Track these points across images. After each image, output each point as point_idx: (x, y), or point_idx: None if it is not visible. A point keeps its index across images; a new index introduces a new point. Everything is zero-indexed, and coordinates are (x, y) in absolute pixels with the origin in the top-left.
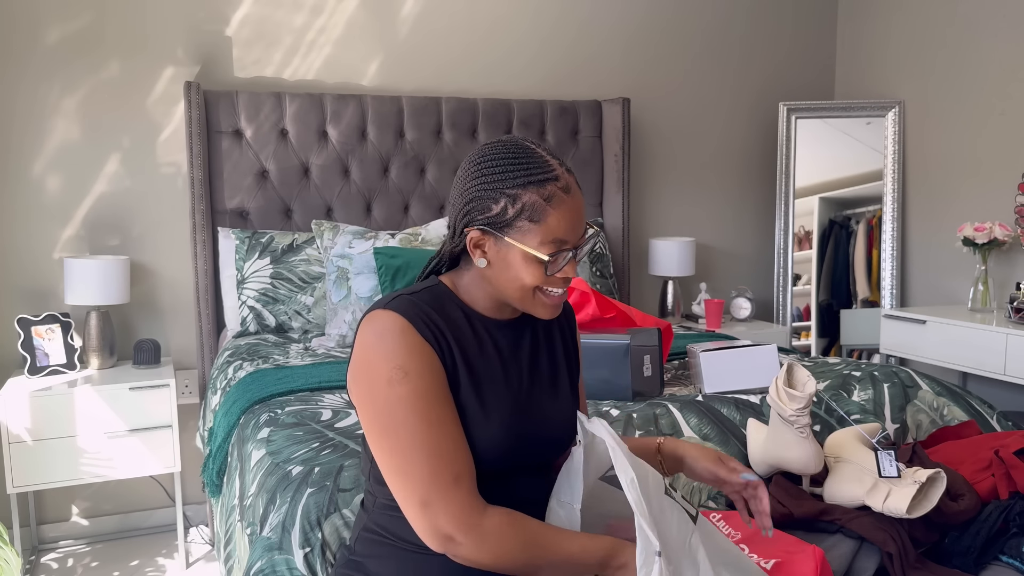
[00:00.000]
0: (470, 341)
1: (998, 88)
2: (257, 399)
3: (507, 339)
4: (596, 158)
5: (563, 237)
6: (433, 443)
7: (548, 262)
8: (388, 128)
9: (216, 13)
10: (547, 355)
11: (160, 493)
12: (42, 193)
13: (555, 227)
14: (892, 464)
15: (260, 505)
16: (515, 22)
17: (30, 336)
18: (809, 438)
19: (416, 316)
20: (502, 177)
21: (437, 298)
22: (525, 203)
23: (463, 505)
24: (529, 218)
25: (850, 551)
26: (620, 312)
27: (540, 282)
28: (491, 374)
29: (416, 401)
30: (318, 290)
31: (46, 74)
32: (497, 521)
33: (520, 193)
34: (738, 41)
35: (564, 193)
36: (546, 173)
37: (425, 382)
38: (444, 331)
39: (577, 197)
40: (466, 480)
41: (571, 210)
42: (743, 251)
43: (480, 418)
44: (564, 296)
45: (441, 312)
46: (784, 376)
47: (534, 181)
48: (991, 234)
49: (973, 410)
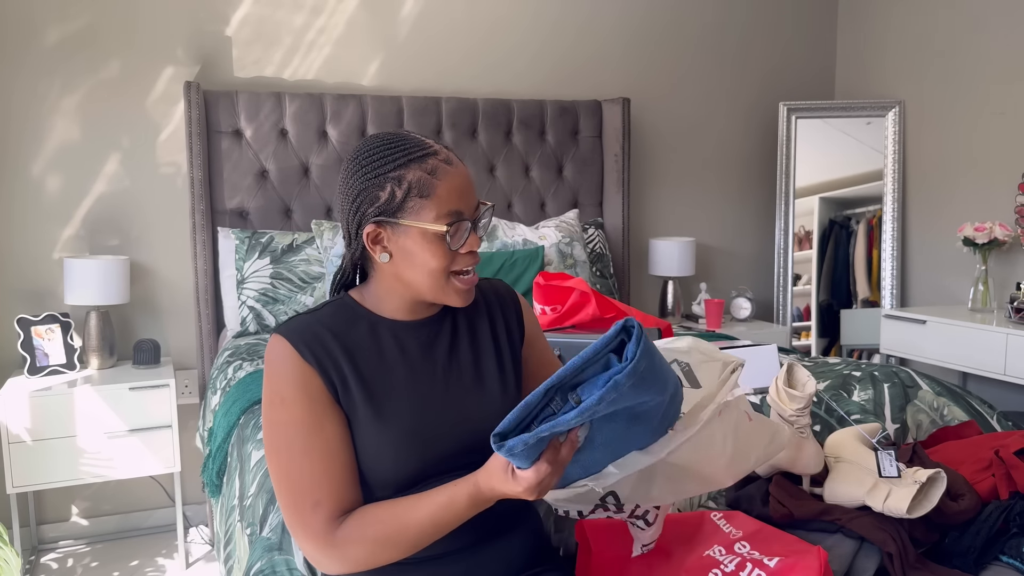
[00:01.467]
0: (369, 353)
1: (998, 88)
2: (257, 399)
3: (418, 340)
4: (596, 158)
5: (457, 207)
6: (298, 472)
7: (448, 234)
8: (388, 128)
9: (216, 13)
10: (470, 348)
11: (160, 493)
12: (42, 193)
13: (446, 198)
14: (892, 464)
15: (260, 505)
16: (515, 22)
17: (30, 336)
18: (809, 438)
19: (303, 338)
20: (382, 163)
21: (339, 313)
22: (411, 181)
23: (316, 530)
24: (419, 194)
25: (850, 551)
26: (620, 312)
27: (447, 261)
28: (392, 382)
29: (290, 428)
30: (318, 290)
31: (46, 73)
32: (346, 532)
33: (403, 173)
34: (738, 41)
35: (447, 164)
36: (423, 149)
37: (301, 408)
38: (334, 350)
39: (460, 168)
40: (325, 506)
41: (457, 179)
42: (743, 251)
43: (375, 429)
44: (474, 279)
45: (339, 328)
46: (784, 376)
47: (414, 158)
48: (991, 234)
49: (973, 410)
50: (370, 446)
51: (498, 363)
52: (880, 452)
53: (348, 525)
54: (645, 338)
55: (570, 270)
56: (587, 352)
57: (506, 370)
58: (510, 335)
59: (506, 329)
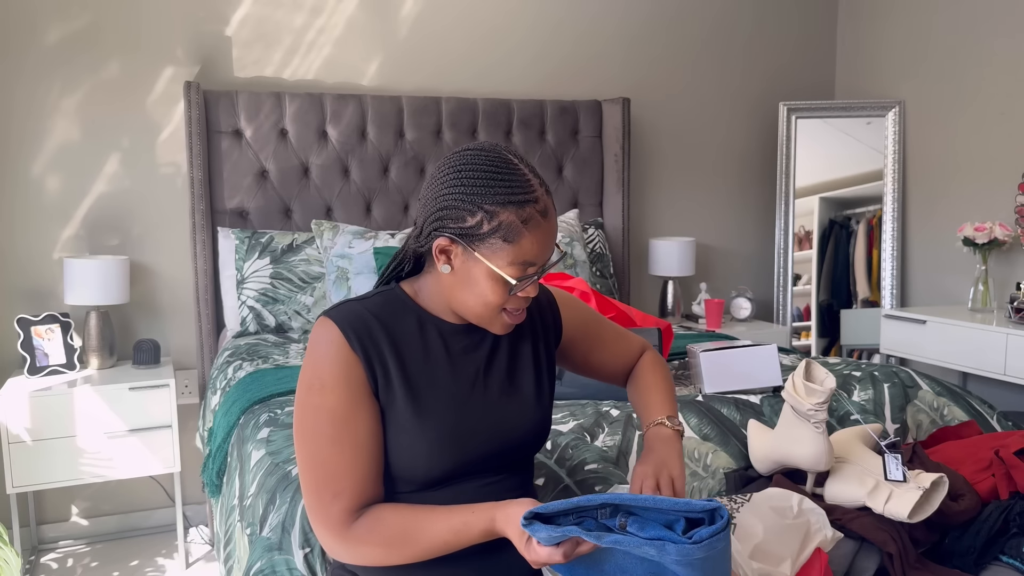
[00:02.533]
0: (415, 348)
1: (998, 88)
2: (257, 399)
3: (462, 344)
4: (596, 158)
5: (533, 260)
6: (324, 459)
7: (514, 284)
8: (388, 128)
9: (216, 13)
10: (508, 357)
11: (160, 493)
12: (42, 193)
13: (528, 250)
14: (899, 468)
15: (260, 505)
16: (515, 22)
17: (30, 336)
18: (824, 434)
19: (352, 326)
20: (482, 191)
21: (389, 304)
22: (502, 221)
23: (333, 520)
24: (503, 237)
25: (850, 551)
26: (620, 312)
27: (503, 300)
28: (434, 380)
29: (323, 415)
30: (318, 290)
31: (46, 74)
32: (360, 529)
33: (499, 211)
34: (738, 41)
35: (542, 217)
36: (527, 194)
37: (338, 397)
38: (381, 342)
39: (552, 220)
40: (345, 498)
41: (546, 234)
42: (743, 251)
43: (413, 426)
44: (523, 314)
45: (388, 320)
46: (803, 371)
47: (515, 201)
48: (991, 234)
49: (973, 410)
50: (405, 442)
51: (535, 372)
52: (888, 455)
53: (363, 523)
54: (724, 535)
55: (570, 270)
56: (668, 502)
57: (543, 380)
58: (547, 343)
59: (544, 338)
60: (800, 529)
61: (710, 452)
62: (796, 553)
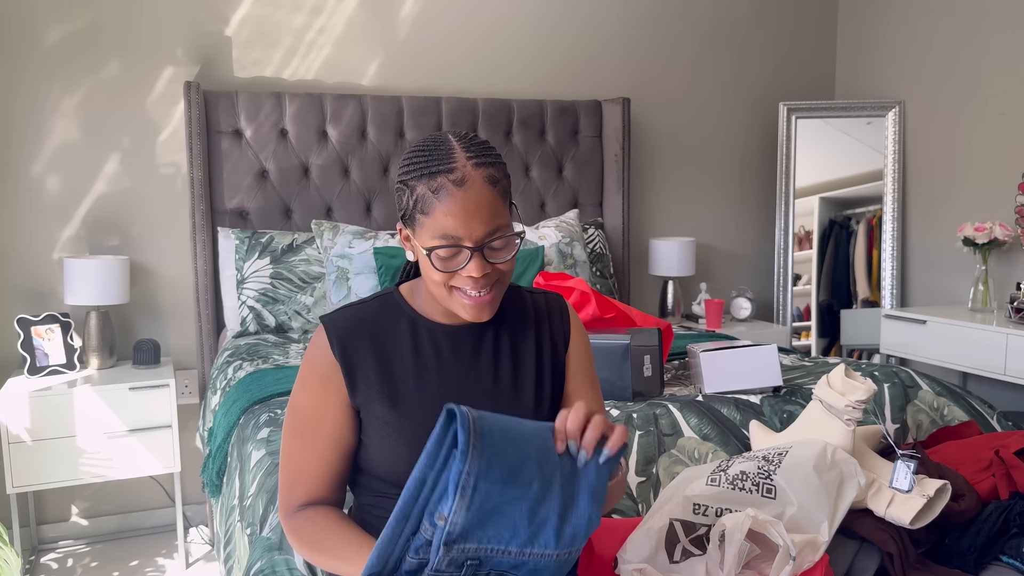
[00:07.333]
0: (404, 352)
1: (998, 89)
2: (257, 399)
3: (456, 346)
4: (596, 158)
5: (452, 232)
6: (288, 451)
7: (432, 258)
8: (388, 128)
9: (216, 13)
10: (510, 359)
11: (160, 493)
12: (42, 193)
13: (441, 221)
14: (907, 477)
15: (260, 505)
16: (515, 22)
17: (30, 336)
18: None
19: (338, 333)
20: (408, 168)
21: (384, 308)
22: (418, 195)
23: (283, 504)
24: (421, 210)
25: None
26: (620, 312)
27: (441, 278)
28: (420, 382)
29: (298, 412)
30: (318, 290)
31: (46, 74)
32: (296, 522)
33: (415, 184)
34: (738, 41)
35: (455, 186)
36: (441, 164)
37: (311, 399)
38: (366, 348)
39: (473, 191)
40: (296, 491)
41: (460, 204)
42: (743, 251)
43: (393, 428)
44: (483, 299)
45: (381, 324)
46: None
47: (427, 172)
48: (991, 234)
49: (973, 410)
50: (387, 444)
51: (537, 376)
52: (900, 462)
53: (300, 518)
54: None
55: (570, 270)
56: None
57: (544, 383)
58: (555, 348)
59: (551, 343)
60: (833, 484)
61: (710, 452)
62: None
